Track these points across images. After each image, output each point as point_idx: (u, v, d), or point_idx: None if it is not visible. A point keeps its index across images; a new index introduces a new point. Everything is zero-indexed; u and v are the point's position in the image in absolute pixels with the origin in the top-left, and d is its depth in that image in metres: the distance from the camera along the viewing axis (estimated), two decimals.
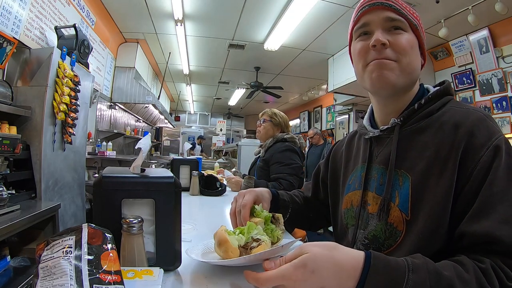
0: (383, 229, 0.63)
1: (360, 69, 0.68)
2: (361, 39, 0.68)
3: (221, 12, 3.47)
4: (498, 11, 2.67)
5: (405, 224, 0.59)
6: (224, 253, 0.60)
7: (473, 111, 0.60)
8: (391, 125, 0.68)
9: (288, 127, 2.18)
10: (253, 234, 0.62)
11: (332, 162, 0.90)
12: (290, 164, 1.89)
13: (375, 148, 0.72)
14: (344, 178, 0.82)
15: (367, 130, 0.75)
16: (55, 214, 1.74)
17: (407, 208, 0.59)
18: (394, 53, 0.63)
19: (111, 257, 0.46)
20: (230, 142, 9.30)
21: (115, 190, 0.61)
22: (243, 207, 0.71)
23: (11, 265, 1.46)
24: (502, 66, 3.15)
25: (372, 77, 0.65)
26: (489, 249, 0.47)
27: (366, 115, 0.81)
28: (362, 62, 0.67)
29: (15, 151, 1.63)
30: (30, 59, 2.01)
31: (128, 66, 4.43)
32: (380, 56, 0.63)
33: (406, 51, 0.63)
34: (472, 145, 0.55)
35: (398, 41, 0.64)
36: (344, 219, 0.76)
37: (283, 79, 6.01)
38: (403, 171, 0.62)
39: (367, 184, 0.70)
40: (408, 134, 0.65)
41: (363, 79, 0.68)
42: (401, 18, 0.65)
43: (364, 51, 0.66)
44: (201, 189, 1.78)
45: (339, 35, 3.86)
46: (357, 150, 0.80)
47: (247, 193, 0.77)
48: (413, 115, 0.65)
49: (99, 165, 3.31)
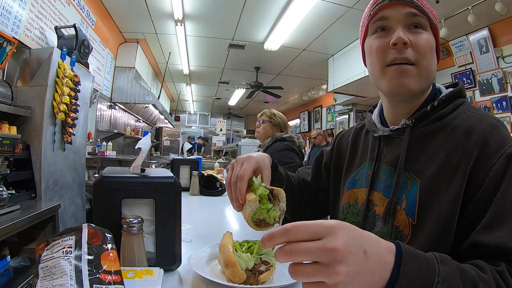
0: (389, 231, 0.62)
1: (377, 70, 0.64)
2: (379, 36, 0.64)
3: (221, 12, 3.47)
4: (498, 11, 2.67)
5: (411, 228, 0.58)
6: (231, 275, 0.58)
7: (486, 117, 0.58)
8: (401, 126, 0.65)
9: (287, 127, 2.18)
10: (262, 255, 0.60)
11: (337, 151, 0.87)
12: (290, 163, 1.89)
13: (384, 148, 0.70)
14: (346, 171, 0.80)
15: (377, 127, 0.72)
16: (55, 214, 1.74)
17: (414, 212, 0.58)
18: (414, 54, 0.60)
19: (111, 257, 0.46)
20: (230, 142, 9.30)
21: (115, 190, 0.61)
22: (240, 179, 0.61)
23: (11, 265, 1.46)
24: (502, 66, 3.15)
25: (391, 84, 0.62)
26: (503, 259, 0.46)
27: (375, 110, 0.78)
28: (381, 63, 0.63)
29: (15, 151, 1.63)
30: (30, 59, 2.01)
31: (128, 66, 4.43)
32: (400, 56, 0.60)
33: (426, 52, 0.60)
34: (484, 153, 0.53)
35: (419, 41, 0.60)
36: (342, 213, 0.75)
37: (283, 79, 6.01)
38: (412, 175, 0.61)
39: (374, 184, 0.69)
40: (418, 136, 0.63)
41: (379, 81, 0.65)
42: (422, 16, 0.61)
43: (383, 49, 0.62)
44: (201, 189, 1.78)
45: (339, 35, 3.86)
46: (364, 146, 0.78)
47: (246, 161, 0.65)
48: (425, 117, 0.63)
49: (99, 165, 3.31)
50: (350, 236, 0.35)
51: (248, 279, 0.58)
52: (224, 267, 0.59)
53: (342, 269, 0.33)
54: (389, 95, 0.66)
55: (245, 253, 0.60)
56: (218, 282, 0.58)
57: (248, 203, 0.56)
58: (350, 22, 3.47)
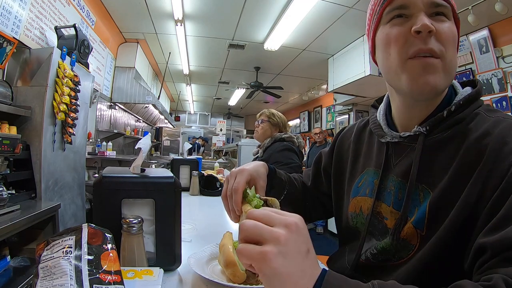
0: (394, 243, 0.58)
1: (397, 64, 0.55)
2: (397, 23, 0.55)
3: (221, 12, 3.47)
4: (498, 11, 2.67)
5: (419, 238, 0.54)
6: (231, 275, 0.58)
7: (503, 119, 0.54)
8: (414, 134, 0.59)
9: (286, 127, 2.18)
10: None
11: (338, 153, 0.81)
12: (289, 163, 1.89)
13: (393, 156, 0.63)
14: (350, 176, 0.74)
15: (384, 131, 0.65)
16: (55, 214, 1.74)
17: (423, 224, 0.54)
18: (439, 45, 0.52)
19: (111, 257, 0.46)
20: (230, 142, 9.31)
21: (115, 190, 0.61)
22: (235, 192, 0.62)
23: (11, 265, 1.46)
24: (502, 66, 3.15)
25: (415, 81, 0.53)
26: (508, 256, 0.40)
27: (381, 108, 0.70)
28: (402, 55, 0.54)
29: (15, 151, 1.63)
30: (30, 59, 2.01)
31: (128, 66, 4.43)
32: (426, 47, 0.51)
33: (450, 43, 0.53)
34: (502, 153, 0.48)
35: (443, 29, 0.53)
36: (352, 221, 0.70)
37: (283, 79, 6.01)
38: (424, 186, 0.55)
39: (381, 194, 0.63)
40: (432, 144, 0.57)
41: (397, 77, 0.56)
42: (446, 4, 0.54)
43: (404, 39, 0.53)
44: (201, 189, 1.78)
45: (339, 35, 3.86)
46: (369, 149, 0.71)
47: (239, 174, 0.66)
48: (440, 123, 0.56)
49: (99, 165, 3.31)
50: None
51: (248, 279, 0.58)
52: (224, 267, 0.59)
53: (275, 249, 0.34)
54: (409, 94, 0.57)
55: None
56: (218, 282, 0.58)
57: (245, 214, 0.57)
58: (350, 22, 3.47)
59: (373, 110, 0.74)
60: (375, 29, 0.61)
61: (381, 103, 0.73)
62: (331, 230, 4.44)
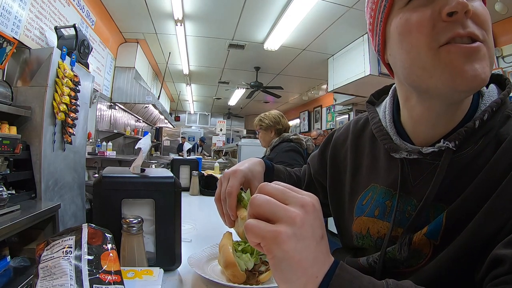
0: (403, 254, 0.50)
1: (425, 55, 0.42)
2: (419, 4, 0.43)
3: (221, 12, 3.47)
4: (498, 11, 2.67)
5: (432, 247, 0.47)
6: (231, 276, 0.58)
7: None
8: (438, 149, 0.47)
9: (281, 123, 2.15)
10: (262, 255, 0.59)
11: (332, 164, 0.70)
12: (293, 164, 1.89)
13: (410, 175, 0.52)
14: (352, 191, 0.63)
15: (395, 144, 0.53)
16: (55, 214, 1.74)
17: (438, 235, 0.46)
18: (478, 29, 0.41)
19: (111, 257, 0.46)
20: (230, 142, 9.32)
21: (115, 190, 0.61)
22: (229, 196, 0.57)
23: (11, 265, 1.46)
24: (502, 66, 3.15)
25: (459, 74, 0.40)
26: None
27: (386, 111, 0.58)
28: (432, 43, 0.41)
29: (15, 151, 1.63)
30: (30, 59, 2.01)
31: (128, 66, 4.43)
32: (464, 31, 0.40)
33: (489, 25, 0.42)
34: None
35: (479, 9, 0.41)
36: (357, 242, 0.60)
37: (283, 79, 6.01)
38: (442, 204, 0.47)
39: (397, 219, 0.52)
40: (460, 160, 0.46)
41: (427, 73, 0.43)
42: None
43: (432, 23, 0.41)
44: (201, 189, 1.78)
45: (339, 35, 3.86)
46: (373, 161, 0.60)
47: (232, 176, 0.60)
48: (471, 135, 0.45)
49: (99, 165, 3.31)
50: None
51: (248, 280, 0.58)
52: (224, 268, 0.59)
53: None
54: (449, 92, 0.42)
55: (245, 254, 0.60)
56: (218, 282, 0.58)
57: (241, 220, 0.55)
58: (350, 22, 3.47)
59: (371, 108, 0.63)
60: (385, 19, 0.48)
61: (379, 99, 0.65)
62: (331, 230, 4.44)
